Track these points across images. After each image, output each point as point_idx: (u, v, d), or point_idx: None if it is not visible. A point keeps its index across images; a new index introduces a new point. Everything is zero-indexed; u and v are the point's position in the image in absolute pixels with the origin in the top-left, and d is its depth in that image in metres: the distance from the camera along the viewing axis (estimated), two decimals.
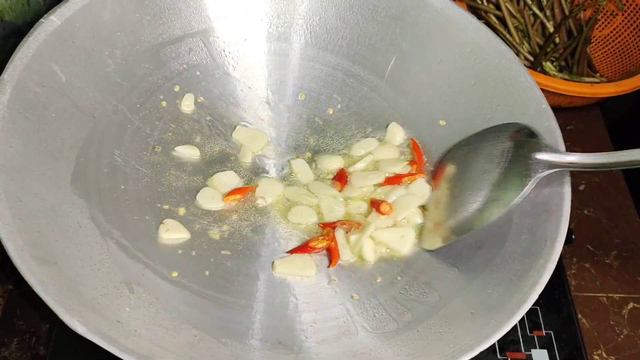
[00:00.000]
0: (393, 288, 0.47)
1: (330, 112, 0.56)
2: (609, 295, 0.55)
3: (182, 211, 0.48)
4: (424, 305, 0.45)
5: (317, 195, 0.50)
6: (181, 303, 0.43)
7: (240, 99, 0.56)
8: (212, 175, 0.51)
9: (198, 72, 0.55)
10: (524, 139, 0.44)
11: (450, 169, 0.49)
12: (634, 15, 0.69)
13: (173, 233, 0.46)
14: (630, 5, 0.69)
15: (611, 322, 0.53)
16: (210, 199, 0.49)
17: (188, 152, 0.51)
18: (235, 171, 0.51)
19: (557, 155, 0.42)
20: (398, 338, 0.43)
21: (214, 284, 0.45)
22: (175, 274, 0.45)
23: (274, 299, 0.45)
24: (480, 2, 0.68)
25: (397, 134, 0.55)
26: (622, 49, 0.70)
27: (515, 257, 0.45)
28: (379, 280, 0.47)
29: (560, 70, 0.68)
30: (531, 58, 0.67)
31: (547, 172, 0.42)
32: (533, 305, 0.41)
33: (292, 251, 0.48)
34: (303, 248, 0.48)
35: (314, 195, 0.51)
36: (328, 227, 0.48)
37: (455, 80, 0.54)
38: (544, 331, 0.50)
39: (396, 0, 0.55)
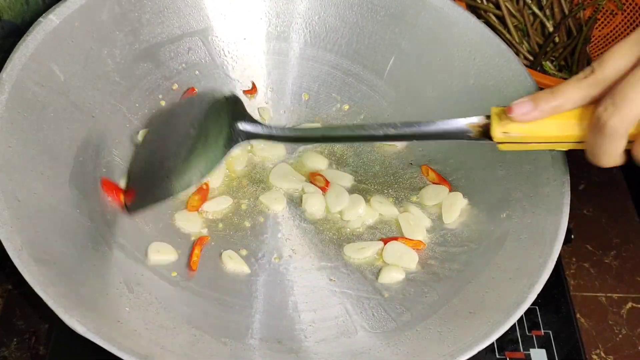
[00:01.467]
0: (392, 287, 0.47)
1: (330, 111, 0.56)
2: (608, 295, 0.55)
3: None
4: (423, 304, 0.45)
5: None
6: (181, 303, 0.43)
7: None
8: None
9: (197, 72, 0.54)
10: (229, 106, 0.44)
11: (154, 134, 0.48)
12: (634, 14, 0.69)
13: (162, 254, 0.46)
14: (630, 4, 0.69)
15: (610, 322, 0.53)
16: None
17: None
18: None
19: (256, 126, 0.43)
20: (397, 337, 0.43)
21: (214, 283, 0.45)
22: (174, 274, 0.45)
23: (273, 298, 0.46)
24: (479, 2, 0.68)
25: None
26: None
27: (514, 256, 0.45)
28: (378, 280, 0.47)
29: (560, 69, 0.68)
30: (531, 57, 0.67)
31: (246, 142, 0.44)
32: (532, 304, 0.41)
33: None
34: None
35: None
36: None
37: (454, 80, 0.54)
38: (542, 331, 0.50)
39: None
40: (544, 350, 0.49)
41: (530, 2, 0.68)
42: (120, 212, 0.46)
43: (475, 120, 0.36)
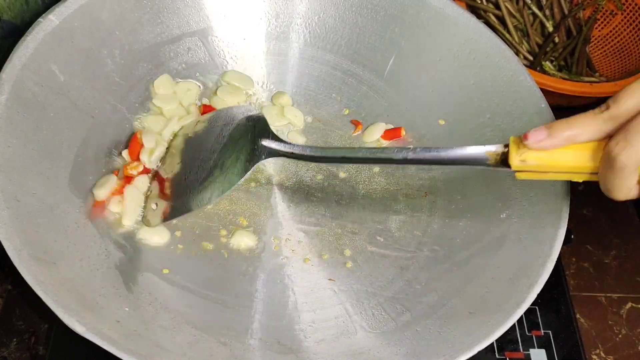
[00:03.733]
0: (392, 288, 0.47)
1: (330, 111, 0.56)
2: (608, 295, 0.55)
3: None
4: (423, 304, 0.45)
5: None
6: (180, 303, 0.43)
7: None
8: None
9: (197, 72, 0.54)
10: (254, 124, 0.46)
11: (180, 146, 0.49)
12: (634, 14, 0.69)
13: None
14: (630, 4, 0.69)
15: (609, 322, 0.54)
16: None
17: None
18: None
19: (279, 143, 0.45)
20: (397, 338, 0.43)
21: (213, 283, 0.45)
22: (174, 274, 0.45)
23: (273, 298, 0.46)
24: (479, 2, 0.68)
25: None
26: (622, 48, 0.70)
27: (514, 256, 0.45)
28: (378, 280, 0.47)
29: (560, 69, 0.68)
30: (530, 57, 0.67)
31: (269, 159, 0.45)
32: (532, 304, 0.41)
33: None
34: None
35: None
36: None
37: (454, 80, 0.54)
38: (542, 331, 0.50)
39: None
40: (543, 351, 0.49)
41: (530, 2, 0.68)
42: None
43: (494, 148, 0.37)
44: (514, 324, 0.40)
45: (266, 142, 0.45)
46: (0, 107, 0.41)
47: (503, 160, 0.36)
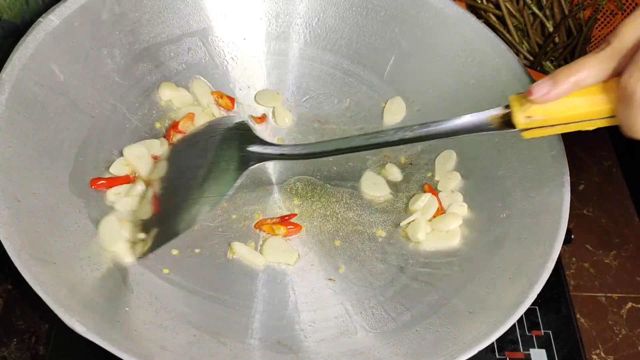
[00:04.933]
0: (392, 287, 0.47)
1: (329, 111, 0.56)
2: (608, 295, 0.55)
3: None
4: (423, 304, 0.45)
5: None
6: (180, 303, 0.43)
7: (239, 98, 0.56)
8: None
9: (197, 72, 0.55)
10: (238, 132, 0.44)
11: (163, 171, 0.47)
12: None
13: None
14: (630, 4, 0.69)
15: (610, 322, 0.54)
16: None
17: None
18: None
19: (267, 147, 0.43)
20: (397, 337, 0.43)
21: (214, 283, 0.45)
22: (174, 274, 0.45)
23: (273, 298, 0.46)
24: (479, 1, 0.68)
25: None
26: None
27: (514, 256, 0.45)
28: (378, 280, 0.47)
29: None
30: (531, 57, 0.67)
31: (258, 164, 0.43)
32: (532, 304, 0.41)
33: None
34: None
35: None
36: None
37: (454, 80, 0.54)
38: (542, 331, 0.50)
39: None
40: (543, 350, 0.49)
41: (530, 2, 0.68)
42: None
43: (495, 111, 0.36)
44: (514, 324, 0.40)
45: (253, 148, 0.43)
46: (0, 107, 0.41)
47: (506, 122, 0.35)
